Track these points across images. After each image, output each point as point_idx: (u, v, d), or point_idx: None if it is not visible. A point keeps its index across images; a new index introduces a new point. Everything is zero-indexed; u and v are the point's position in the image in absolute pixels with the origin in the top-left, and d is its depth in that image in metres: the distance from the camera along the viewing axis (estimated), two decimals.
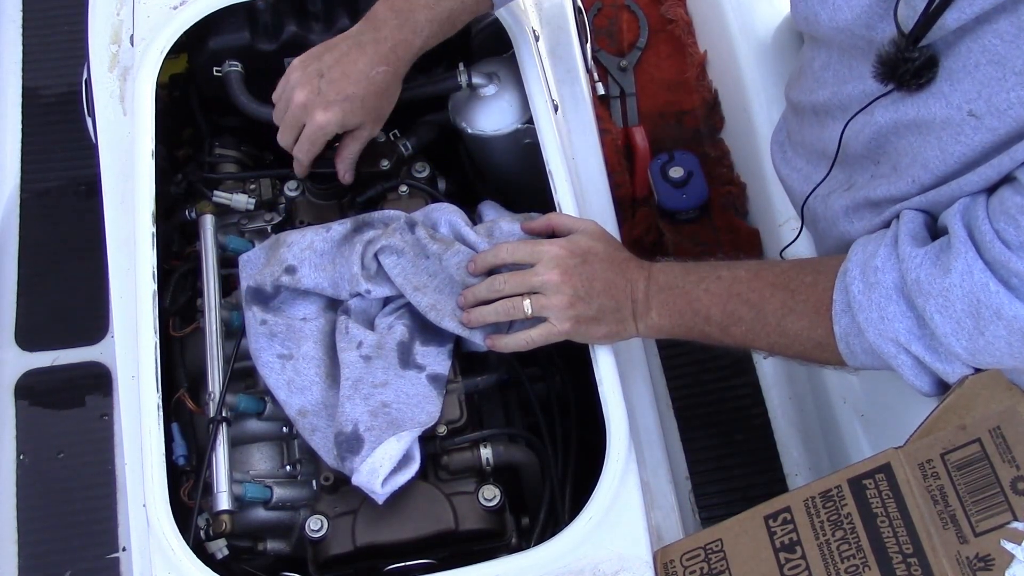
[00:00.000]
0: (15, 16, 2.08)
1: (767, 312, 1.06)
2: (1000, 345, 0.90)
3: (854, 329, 1.00)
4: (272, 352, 1.16)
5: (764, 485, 1.69)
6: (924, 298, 0.93)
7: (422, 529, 1.07)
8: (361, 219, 1.20)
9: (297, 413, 1.13)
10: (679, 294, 1.10)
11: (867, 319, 0.97)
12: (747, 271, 1.09)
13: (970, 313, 0.91)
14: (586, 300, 1.11)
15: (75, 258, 1.87)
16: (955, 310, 0.91)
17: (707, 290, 1.09)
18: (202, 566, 1.04)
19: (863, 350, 1.00)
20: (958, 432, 0.92)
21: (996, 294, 0.89)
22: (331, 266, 1.17)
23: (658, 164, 1.98)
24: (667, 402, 1.42)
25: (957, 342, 0.92)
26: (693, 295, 1.09)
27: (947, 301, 0.92)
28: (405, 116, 1.38)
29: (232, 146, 1.41)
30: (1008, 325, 0.89)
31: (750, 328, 1.07)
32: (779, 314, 1.05)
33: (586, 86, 1.41)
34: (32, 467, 1.72)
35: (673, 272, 1.12)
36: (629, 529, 1.06)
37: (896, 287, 0.96)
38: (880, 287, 0.97)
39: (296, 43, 1.36)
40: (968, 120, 0.91)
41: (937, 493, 0.90)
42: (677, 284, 1.11)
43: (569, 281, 1.10)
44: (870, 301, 0.97)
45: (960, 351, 0.93)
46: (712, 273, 1.10)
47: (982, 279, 0.89)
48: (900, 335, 0.96)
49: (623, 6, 2.20)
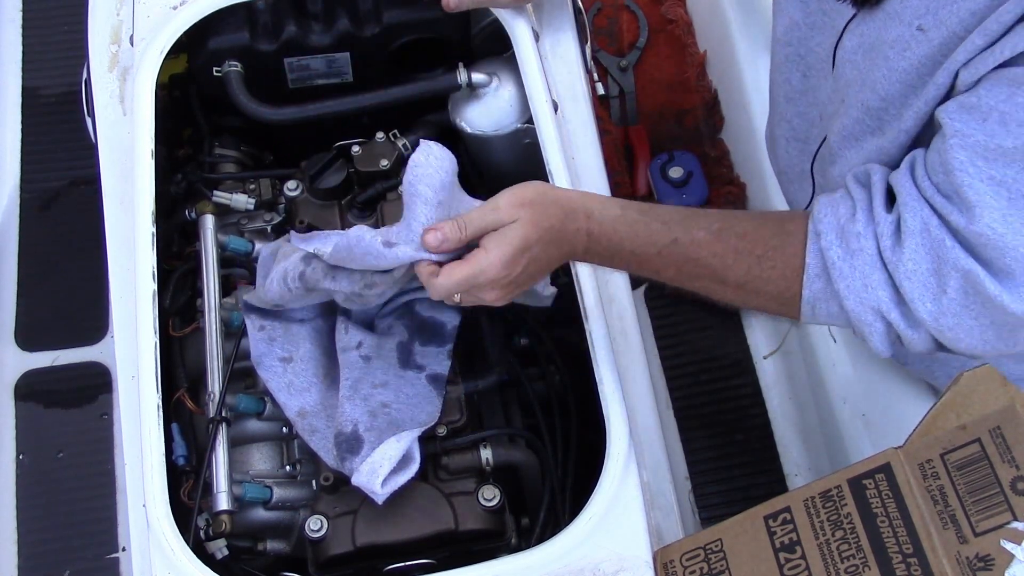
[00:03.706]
0: (15, 16, 2.08)
1: (728, 276, 1.02)
2: (959, 300, 0.91)
3: (825, 294, 0.99)
4: (273, 356, 1.16)
5: (764, 485, 1.69)
6: (894, 266, 0.94)
7: (422, 529, 1.07)
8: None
9: (297, 415, 1.13)
10: (628, 257, 1.03)
11: (848, 287, 0.96)
12: (707, 233, 1.01)
13: (933, 271, 0.92)
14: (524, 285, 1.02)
15: (75, 258, 1.87)
16: (920, 272, 0.92)
17: (659, 254, 1.02)
18: (202, 566, 1.04)
19: (827, 314, 1.00)
20: (958, 432, 0.92)
21: (952, 249, 0.90)
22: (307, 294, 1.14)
23: (658, 164, 1.98)
24: (667, 402, 1.42)
25: (923, 305, 0.93)
26: (644, 257, 1.02)
27: (915, 264, 0.92)
28: (405, 116, 1.39)
29: (232, 146, 1.42)
30: (964, 278, 0.90)
31: (705, 286, 1.05)
32: (743, 279, 1.02)
33: (586, 86, 1.41)
34: (32, 467, 1.72)
35: (619, 235, 1.01)
36: (629, 529, 1.05)
37: (878, 254, 0.96)
38: (864, 254, 0.96)
39: (296, 43, 1.36)
40: (916, 35, 0.93)
41: (937, 493, 0.90)
42: (624, 248, 1.02)
43: (511, 292, 1.00)
44: (853, 268, 0.96)
45: (926, 316, 0.93)
46: (667, 236, 1.01)
47: (938, 235, 0.91)
48: (882, 303, 0.95)
49: (623, 6, 2.20)
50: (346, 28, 1.37)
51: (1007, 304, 0.89)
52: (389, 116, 1.36)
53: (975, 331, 0.93)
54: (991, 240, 0.88)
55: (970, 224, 0.88)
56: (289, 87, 1.41)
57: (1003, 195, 0.87)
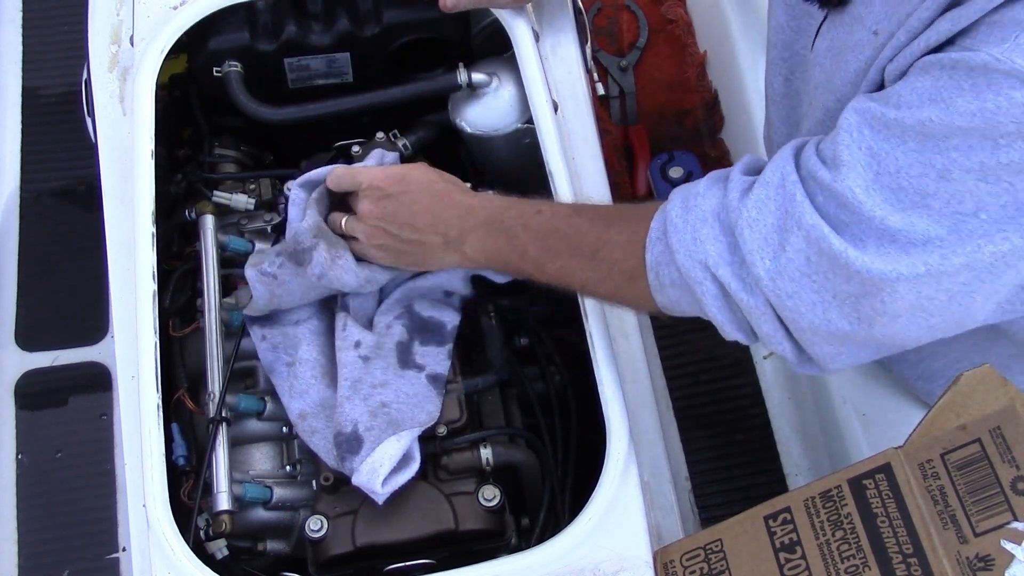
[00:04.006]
0: (15, 16, 2.08)
1: (583, 245, 1.03)
2: (799, 262, 0.88)
3: (666, 257, 0.97)
4: (281, 363, 1.17)
5: (764, 485, 1.69)
6: (737, 214, 0.92)
7: (422, 529, 1.07)
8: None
9: (298, 416, 1.13)
10: (498, 230, 1.08)
11: (679, 240, 0.95)
12: (569, 207, 1.08)
13: (777, 227, 0.89)
14: (391, 233, 1.10)
15: (75, 258, 1.87)
16: (764, 224, 0.90)
17: (525, 226, 1.06)
18: (202, 566, 1.04)
19: (671, 281, 0.97)
20: (958, 432, 0.92)
21: (801, 203, 0.88)
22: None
23: (658, 164, 1.98)
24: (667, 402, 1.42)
25: (761, 261, 0.90)
26: (512, 231, 1.07)
27: (759, 214, 0.90)
28: (405, 116, 1.38)
29: (232, 146, 1.41)
30: (806, 235, 0.87)
31: (564, 264, 1.04)
32: (594, 246, 1.02)
33: (586, 86, 1.41)
34: (31, 467, 1.72)
35: (494, 207, 1.10)
36: (629, 529, 1.05)
37: (714, 212, 0.94)
38: (697, 210, 0.95)
39: (296, 43, 1.36)
40: (871, 39, 0.92)
41: (937, 493, 0.90)
42: (496, 219, 1.08)
43: (378, 212, 1.10)
44: (685, 223, 0.95)
45: (762, 274, 0.90)
46: (532, 208, 1.08)
47: (792, 189, 0.89)
48: (709, 257, 0.93)
49: (623, 6, 2.21)
50: (346, 28, 1.37)
51: (852, 260, 0.85)
52: (389, 116, 1.36)
53: (817, 306, 0.90)
54: (849, 201, 0.85)
55: (834, 181, 0.86)
56: (289, 87, 1.41)
57: (872, 168, 0.85)
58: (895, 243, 0.85)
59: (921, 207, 0.83)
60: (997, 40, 0.80)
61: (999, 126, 0.79)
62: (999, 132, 0.79)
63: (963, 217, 0.82)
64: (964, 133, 0.80)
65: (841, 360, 0.95)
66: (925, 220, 0.83)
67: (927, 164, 0.82)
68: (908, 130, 0.83)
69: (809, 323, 0.91)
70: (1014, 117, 0.78)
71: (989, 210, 0.82)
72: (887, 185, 0.84)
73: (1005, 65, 0.78)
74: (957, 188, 0.82)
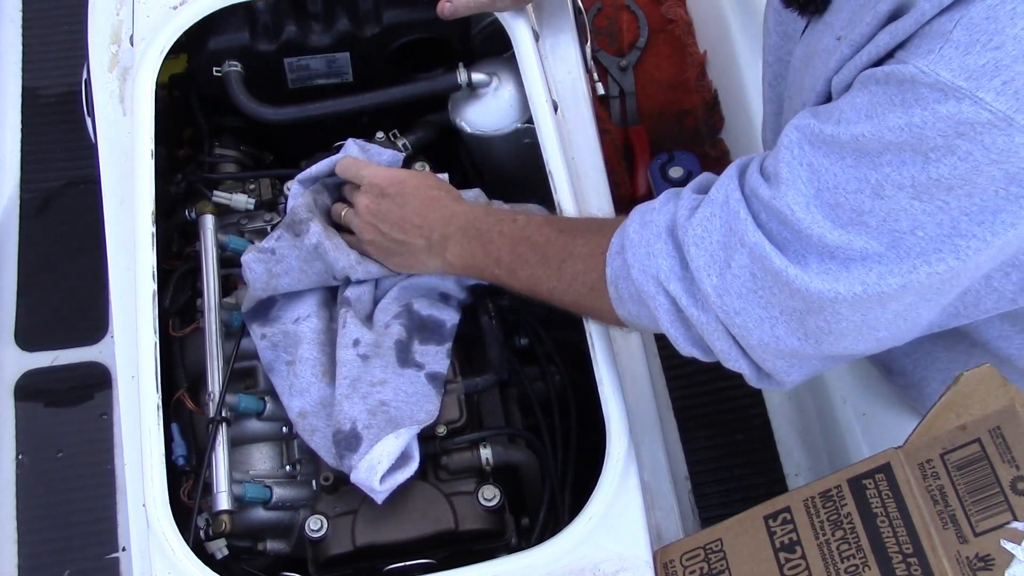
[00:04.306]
0: (15, 16, 2.08)
1: (550, 255, 1.05)
2: (745, 279, 0.89)
3: (623, 271, 0.98)
4: (281, 361, 1.17)
5: (764, 485, 1.69)
6: (684, 231, 0.93)
7: (422, 529, 1.07)
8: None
9: (298, 415, 1.13)
10: (475, 235, 1.11)
11: (635, 255, 0.96)
12: (545, 217, 1.12)
13: (723, 244, 0.90)
14: (382, 231, 1.15)
15: (75, 258, 1.87)
16: (710, 242, 0.91)
17: (501, 232, 1.10)
18: (202, 566, 1.04)
19: (629, 296, 0.98)
20: (958, 432, 0.92)
21: (744, 221, 0.88)
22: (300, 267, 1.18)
23: (658, 164, 1.98)
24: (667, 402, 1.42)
25: (708, 278, 0.91)
26: (488, 236, 1.10)
27: (705, 232, 0.91)
28: (405, 116, 1.39)
29: (232, 146, 1.41)
30: (750, 252, 0.88)
31: (533, 272, 1.07)
32: (560, 256, 1.05)
33: (586, 86, 1.41)
34: (32, 467, 1.72)
35: (475, 213, 1.14)
36: (629, 529, 1.05)
37: (667, 227, 0.95)
38: (652, 225, 0.96)
39: (296, 43, 1.36)
40: (836, 45, 0.92)
41: (937, 493, 0.90)
42: (475, 226, 1.12)
43: (373, 208, 1.16)
44: (641, 238, 0.97)
45: (710, 290, 0.91)
46: (509, 216, 1.12)
47: (736, 207, 0.89)
48: (661, 271, 0.94)
49: (623, 6, 2.21)
50: (346, 28, 1.37)
51: (792, 279, 0.86)
52: (389, 116, 1.36)
53: (764, 323, 0.90)
54: (788, 219, 0.85)
55: (774, 198, 0.86)
56: (289, 87, 1.41)
57: (813, 184, 0.85)
58: (835, 259, 0.85)
59: (859, 224, 0.83)
60: (924, 52, 0.79)
61: (926, 140, 0.78)
62: (928, 146, 0.78)
63: (900, 235, 0.82)
64: (896, 148, 0.80)
65: (795, 373, 0.95)
66: (863, 237, 0.83)
67: (863, 180, 0.82)
68: (845, 146, 0.83)
69: (759, 340, 0.91)
70: (940, 131, 0.78)
71: (926, 228, 0.81)
72: (827, 201, 0.84)
73: (930, 78, 0.77)
74: (892, 206, 0.81)
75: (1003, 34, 0.75)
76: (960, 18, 0.77)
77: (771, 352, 0.93)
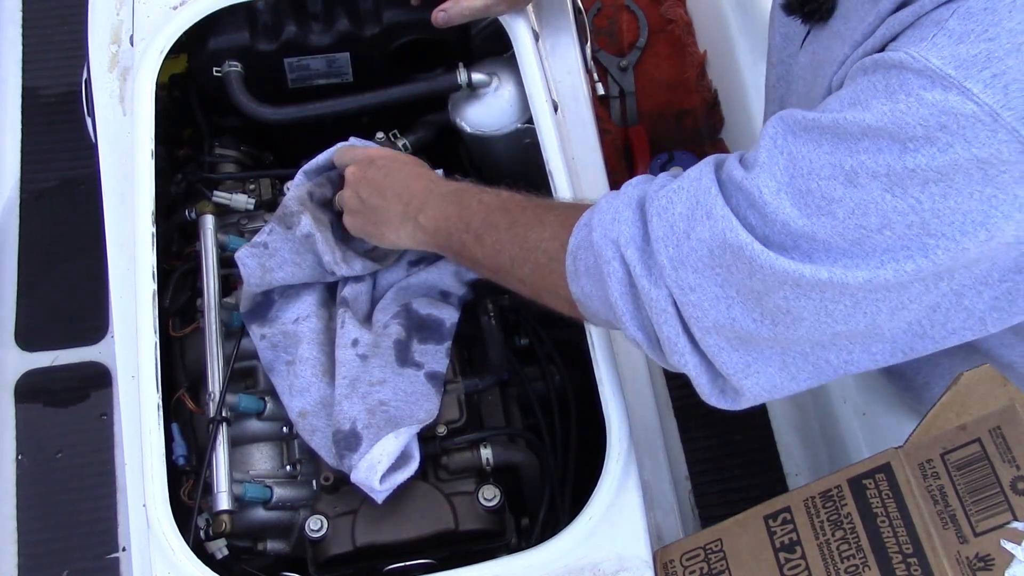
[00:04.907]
0: (15, 16, 2.08)
1: (520, 222, 1.04)
2: (702, 253, 0.86)
3: (586, 240, 0.96)
4: (280, 361, 1.17)
5: (764, 485, 1.69)
6: (650, 202, 0.91)
7: (422, 529, 1.07)
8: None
9: (298, 415, 1.13)
10: (454, 200, 1.11)
11: (600, 220, 0.94)
12: (526, 194, 1.09)
13: (686, 216, 0.87)
14: (362, 198, 1.16)
15: (75, 258, 1.87)
16: (673, 213, 0.88)
17: (480, 200, 1.10)
18: (202, 566, 1.04)
19: (586, 268, 0.95)
20: (958, 432, 0.92)
21: (715, 197, 0.86)
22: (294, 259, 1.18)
23: (658, 164, 1.98)
24: (667, 402, 1.42)
25: (665, 249, 0.88)
26: (465, 202, 1.10)
27: (669, 203, 0.89)
28: (405, 116, 1.39)
29: (232, 146, 1.42)
30: (713, 225, 0.85)
31: (499, 238, 1.05)
32: (529, 223, 1.03)
33: (586, 86, 1.41)
34: (31, 467, 1.72)
35: (460, 184, 1.15)
36: (629, 529, 1.06)
37: (638, 199, 0.94)
38: (624, 196, 0.95)
39: (296, 43, 1.36)
40: (842, 50, 0.91)
41: (937, 493, 0.90)
42: (456, 193, 1.12)
43: (359, 175, 1.18)
44: (609, 205, 0.95)
45: (665, 262, 0.88)
46: (494, 190, 1.11)
47: (708, 184, 0.87)
48: (622, 236, 0.91)
49: (623, 6, 2.21)
50: (346, 28, 1.37)
51: (756, 254, 0.83)
52: (389, 116, 1.36)
53: (720, 301, 0.86)
54: (756, 201, 0.83)
55: (745, 179, 0.84)
56: (289, 87, 1.41)
57: (789, 171, 0.83)
58: (797, 249, 0.83)
59: (826, 214, 0.81)
60: (917, 39, 0.78)
61: (907, 127, 0.76)
62: (907, 135, 0.76)
63: (867, 232, 0.80)
64: (875, 134, 0.78)
65: (752, 377, 0.90)
66: (828, 229, 0.81)
67: (837, 166, 0.80)
68: (824, 130, 0.81)
69: (713, 321, 0.87)
70: (923, 119, 0.75)
71: (895, 228, 0.79)
72: (798, 188, 0.82)
73: (919, 63, 0.76)
74: (863, 197, 0.79)
75: (999, 26, 0.74)
76: (958, 7, 0.76)
77: (725, 338, 0.88)
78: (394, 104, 1.34)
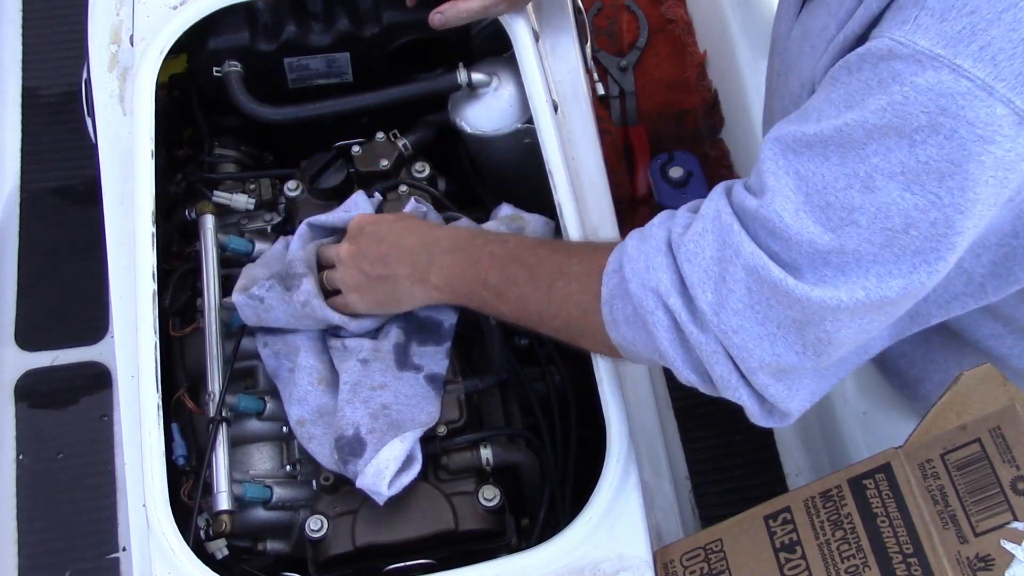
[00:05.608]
0: (15, 16, 2.08)
1: (541, 275, 1.01)
2: (740, 293, 0.85)
3: (620, 289, 0.94)
4: (284, 368, 1.17)
5: (764, 485, 1.69)
6: (677, 248, 0.90)
7: (422, 529, 1.07)
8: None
9: (296, 423, 1.13)
10: (463, 256, 1.08)
11: (633, 270, 0.92)
12: (536, 239, 1.08)
13: (717, 259, 0.87)
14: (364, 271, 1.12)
15: (75, 258, 1.87)
16: (704, 257, 0.88)
17: (491, 253, 1.06)
18: (202, 566, 1.04)
19: (624, 318, 0.94)
20: (958, 432, 0.92)
21: (738, 234, 0.85)
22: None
23: (658, 164, 1.98)
24: (667, 402, 1.42)
25: (703, 295, 0.87)
26: (476, 257, 1.07)
27: (698, 247, 0.88)
28: (405, 116, 1.38)
29: (232, 146, 1.42)
30: (745, 265, 0.85)
31: (522, 293, 1.02)
32: (552, 276, 1.00)
33: (586, 86, 1.41)
34: (31, 467, 1.72)
35: (460, 235, 1.11)
36: (629, 529, 1.05)
37: (666, 242, 0.92)
38: (652, 240, 0.93)
39: (296, 43, 1.36)
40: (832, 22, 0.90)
41: (937, 493, 0.90)
42: (461, 246, 1.09)
43: (353, 250, 1.13)
44: (639, 252, 0.93)
45: (706, 308, 0.87)
46: (499, 238, 1.10)
47: (728, 220, 0.86)
48: (661, 284, 0.90)
49: (623, 6, 2.21)
50: (346, 28, 1.37)
51: (792, 289, 0.82)
52: (389, 116, 1.36)
53: (764, 340, 0.86)
54: (776, 227, 0.83)
55: (760, 207, 0.83)
56: (289, 87, 1.41)
57: (802, 191, 0.82)
58: (828, 266, 0.82)
59: (850, 223, 0.80)
60: (899, 23, 0.76)
61: (910, 119, 0.75)
62: (912, 127, 0.75)
63: (894, 234, 0.79)
64: (880, 134, 0.77)
65: (796, 399, 0.91)
66: (855, 238, 0.80)
67: (851, 175, 0.79)
68: (828, 142, 0.80)
69: (759, 360, 0.87)
70: (923, 106, 0.74)
71: (919, 227, 0.78)
72: (817, 204, 0.81)
73: (907, 48, 0.74)
74: (883, 199, 0.78)
75: None
76: None
77: (770, 373, 0.89)
78: (394, 104, 1.34)
